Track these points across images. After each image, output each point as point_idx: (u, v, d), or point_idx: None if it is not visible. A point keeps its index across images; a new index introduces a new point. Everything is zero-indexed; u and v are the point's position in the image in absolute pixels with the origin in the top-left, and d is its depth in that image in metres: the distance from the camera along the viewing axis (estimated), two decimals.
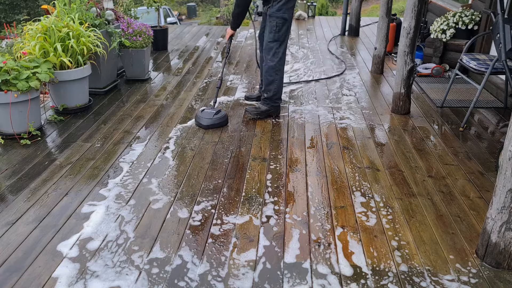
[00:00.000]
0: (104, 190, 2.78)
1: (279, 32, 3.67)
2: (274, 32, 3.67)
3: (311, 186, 2.84)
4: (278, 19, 3.63)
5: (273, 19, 3.64)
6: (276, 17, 3.63)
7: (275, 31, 3.66)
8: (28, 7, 16.06)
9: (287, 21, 3.65)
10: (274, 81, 3.79)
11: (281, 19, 3.63)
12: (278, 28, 3.66)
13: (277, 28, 3.65)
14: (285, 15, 3.62)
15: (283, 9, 3.61)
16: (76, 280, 2.04)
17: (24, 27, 3.96)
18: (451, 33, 5.24)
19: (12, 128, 3.40)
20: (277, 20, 3.63)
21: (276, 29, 3.66)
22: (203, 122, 3.71)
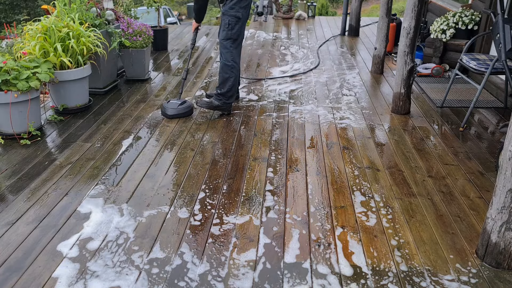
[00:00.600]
0: (104, 190, 2.78)
1: (232, 30, 3.74)
2: (227, 30, 3.76)
3: (311, 186, 2.84)
4: (230, 17, 3.71)
5: (226, 17, 3.73)
6: (229, 15, 3.71)
7: (228, 29, 3.74)
8: (28, 7, 16.07)
9: (240, 19, 3.73)
10: (229, 78, 3.83)
11: (233, 18, 3.71)
12: (231, 26, 3.73)
13: (229, 26, 3.73)
14: (238, 14, 3.70)
15: (235, 7, 3.69)
16: (76, 280, 2.04)
17: (24, 27, 3.96)
18: (451, 33, 5.24)
19: (12, 128, 3.40)
20: (230, 18, 3.71)
21: (229, 27, 3.73)
22: (168, 112, 3.86)
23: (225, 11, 3.72)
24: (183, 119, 3.89)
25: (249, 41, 7.07)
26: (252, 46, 6.75)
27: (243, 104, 4.29)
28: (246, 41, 7.05)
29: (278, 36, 7.47)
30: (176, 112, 3.86)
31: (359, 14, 7.38)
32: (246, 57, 6.06)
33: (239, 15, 3.71)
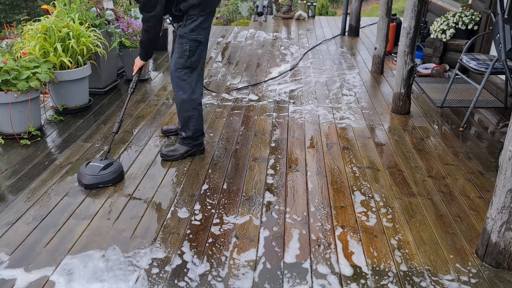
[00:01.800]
0: (104, 191, 2.78)
1: (192, 57, 3.01)
2: (185, 58, 3.00)
3: (311, 186, 2.84)
4: (191, 42, 2.97)
5: (186, 42, 2.97)
6: (189, 39, 2.97)
7: (187, 56, 3.00)
8: (28, 7, 16.07)
9: (201, 43, 3.01)
10: (191, 117, 3.13)
11: (194, 42, 2.97)
12: (192, 53, 3.00)
13: (190, 52, 2.99)
14: (199, 37, 2.98)
15: (197, 30, 2.96)
16: (76, 280, 2.04)
17: (24, 27, 3.96)
18: (451, 33, 5.24)
19: (12, 128, 3.40)
20: (190, 43, 2.97)
21: (188, 53, 2.99)
22: (83, 180, 2.81)
23: (184, 34, 2.96)
24: None
25: (249, 41, 7.07)
26: (252, 46, 6.75)
27: (243, 104, 4.29)
28: (246, 41, 7.06)
29: (278, 36, 7.47)
30: (95, 181, 2.80)
31: (359, 14, 7.38)
32: (246, 57, 6.06)
33: (200, 39, 2.98)
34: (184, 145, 3.21)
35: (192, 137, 3.18)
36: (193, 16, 2.91)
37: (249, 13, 15.20)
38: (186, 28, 2.95)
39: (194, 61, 3.03)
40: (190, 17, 2.92)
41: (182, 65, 3.02)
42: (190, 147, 3.21)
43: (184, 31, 2.95)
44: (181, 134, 3.20)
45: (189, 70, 3.05)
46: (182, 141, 3.21)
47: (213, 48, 6.60)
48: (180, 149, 3.20)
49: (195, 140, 3.20)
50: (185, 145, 3.20)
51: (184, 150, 3.20)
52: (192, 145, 3.21)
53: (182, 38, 2.97)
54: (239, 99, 4.41)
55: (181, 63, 3.02)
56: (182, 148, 3.20)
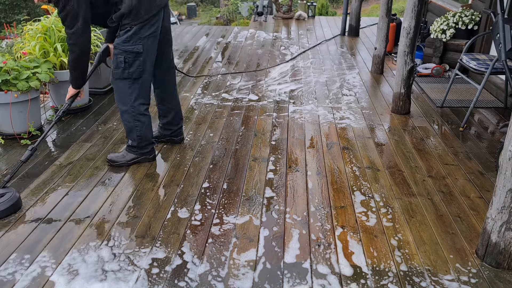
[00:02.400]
0: (104, 190, 2.78)
1: (129, 68, 2.80)
2: (121, 69, 2.81)
3: (311, 186, 2.84)
4: (126, 54, 2.76)
5: (119, 53, 2.78)
6: (124, 51, 2.76)
7: (123, 67, 2.80)
8: (28, 7, 16.07)
9: (140, 54, 2.78)
10: (134, 127, 2.97)
11: (130, 53, 2.76)
12: (128, 64, 2.79)
13: (126, 64, 2.79)
14: (136, 47, 2.75)
15: (133, 39, 2.74)
16: (76, 280, 2.04)
17: (24, 27, 3.97)
18: (451, 33, 5.24)
19: (12, 128, 3.40)
20: (125, 55, 2.77)
21: (124, 65, 2.79)
22: None
23: (117, 44, 2.78)
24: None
25: (249, 41, 7.07)
26: (252, 46, 6.75)
27: (243, 104, 4.29)
28: (246, 41, 7.06)
29: (278, 36, 7.47)
30: None
31: (359, 14, 7.38)
32: (246, 57, 6.06)
33: (138, 49, 2.76)
34: (130, 153, 3.08)
35: (138, 146, 3.05)
36: (126, 26, 2.74)
37: (249, 13, 15.20)
38: (120, 38, 2.78)
39: (133, 72, 2.83)
40: (124, 27, 2.75)
41: (119, 75, 2.85)
42: (138, 155, 3.09)
43: (117, 42, 2.79)
44: (127, 141, 3.09)
45: (128, 81, 2.86)
46: (129, 148, 3.09)
47: (213, 48, 6.60)
48: (127, 156, 3.08)
49: (142, 149, 3.07)
50: (132, 153, 3.08)
51: (130, 157, 3.08)
52: (139, 153, 3.08)
53: (115, 49, 2.81)
54: (239, 99, 4.41)
55: (117, 74, 2.86)
56: (129, 156, 3.08)
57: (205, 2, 26.23)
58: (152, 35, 2.82)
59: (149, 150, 3.12)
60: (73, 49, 2.71)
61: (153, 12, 2.77)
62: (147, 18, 2.75)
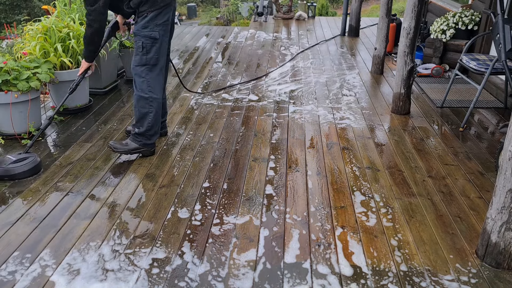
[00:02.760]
0: (104, 191, 2.78)
1: (147, 54, 2.97)
2: (140, 55, 2.98)
3: (311, 186, 2.84)
4: (145, 39, 2.94)
5: (139, 39, 2.96)
6: (142, 36, 2.94)
7: (142, 53, 2.97)
8: (28, 8, 16.07)
9: (157, 40, 2.96)
10: (147, 114, 3.08)
11: (148, 39, 2.94)
12: (146, 50, 2.96)
13: (144, 50, 2.96)
14: (153, 33, 2.93)
15: (150, 25, 2.92)
16: (77, 280, 2.04)
17: (25, 27, 3.97)
18: (451, 33, 5.24)
19: (13, 128, 3.41)
20: (144, 40, 2.94)
21: (143, 50, 2.96)
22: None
23: (137, 30, 2.97)
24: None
25: (249, 41, 7.08)
26: (252, 46, 6.75)
27: (243, 104, 4.29)
28: (246, 41, 7.06)
29: (278, 36, 7.47)
30: (4, 173, 2.84)
31: (359, 14, 7.38)
32: (246, 58, 6.06)
33: (155, 35, 2.94)
34: (135, 142, 3.12)
35: (144, 134, 3.11)
36: (143, 13, 2.91)
37: (249, 14, 15.20)
38: (138, 25, 2.95)
39: (151, 58, 2.99)
40: (141, 14, 2.92)
41: (138, 62, 3.01)
42: (141, 145, 3.13)
43: (137, 28, 2.96)
44: (133, 130, 3.12)
45: (147, 68, 3.01)
46: (134, 137, 3.12)
47: (213, 49, 6.60)
48: (130, 145, 3.11)
49: (147, 139, 3.13)
50: (136, 142, 3.12)
51: (133, 146, 3.11)
52: (143, 143, 3.13)
53: (135, 35, 2.99)
54: (239, 99, 4.41)
55: (136, 60, 3.01)
56: (132, 145, 3.11)
57: (205, 2, 26.24)
58: (166, 23, 3.00)
59: (152, 143, 3.19)
60: (92, 24, 2.92)
61: (168, 1, 2.95)
62: (162, 6, 2.93)
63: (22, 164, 2.86)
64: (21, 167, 2.85)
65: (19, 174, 2.84)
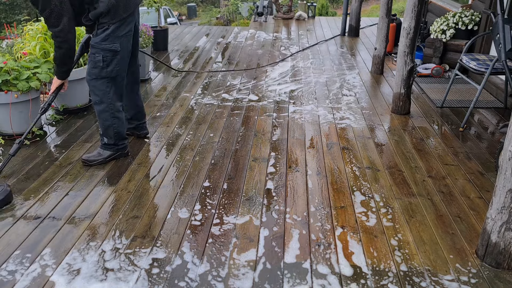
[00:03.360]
0: (104, 191, 2.78)
1: (107, 67, 2.88)
2: (100, 68, 2.88)
3: (311, 186, 2.84)
4: (104, 52, 2.84)
5: (97, 52, 2.84)
6: (102, 49, 2.83)
7: (102, 66, 2.87)
8: (29, 7, 16.07)
9: (118, 52, 2.87)
10: (111, 125, 3.05)
11: (108, 52, 2.84)
12: (106, 63, 2.87)
13: (104, 63, 2.86)
14: (114, 46, 2.84)
15: (110, 38, 2.81)
16: (77, 280, 2.04)
17: (25, 27, 3.97)
18: (451, 33, 5.24)
19: (12, 128, 3.41)
20: (103, 53, 2.84)
21: (103, 64, 2.87)
22: None
23: (95, 43, 2.84)
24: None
25: (249, 41, 7.08)
26: (252, 46, 6.75)
27: (243, 104, 4.29)
28: (246, 41, 7.06)
29: (278, 36, 7.47)
30: None
31: (359, 14, 7.39)
32: (246, 58, 6.06)
33: (116, 48, 2.84)
34: (107, 150, 3.13)
35: (114, 143, 3.12)
36: (104, 25, 2.79)
37: (249, 14, 15.20)
38: (97, 37, 2.83)
39: (111, 71, 2.91)
40: (101, 26, 2.80)
41: (97, 75, 2.91)
42: (114, 151, 3.15)
43: (95, 41, 2.85)
44: (103, 140, 3.12)
45: (106, 80, 2.93)
46: (105, 146, 3.13)
47: (213, 49, 6.60)
48: (103, 154, 3.12)
49: (117, 145, 3.14)
50: (108, 150, 3.13)
51: (107, 154, 3.13)
52: (115, 149, 3.15)
53: (93, 48, 2.87)
54: (239, 99, 4.41)
55: (95, 73, 2.91)
56: (105, 153, 3.13)
57: (205, 2, 26.25)
58: (128, 34, 2.91)
59: (124, 146, 3.19)
60: (62, 46, 2.76)
61: (130, 11, 2.85)
62: (124, 17, 2.83)
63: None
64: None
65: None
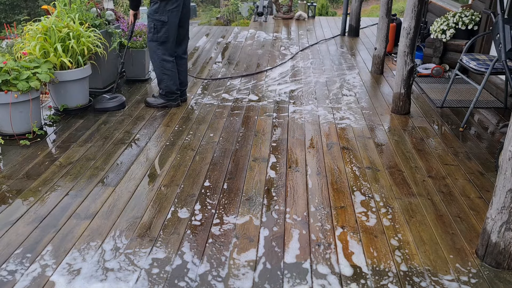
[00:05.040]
0: (104, 191, 2.78)
1: (157, 33, 3.81)
2: (152, 33, 3.84)
3: (311, 186, 2.84)
4: (155, 21, 3.78)
5: (151, 20, 3.81)
6: (153, 19, 3.78)
7: (153, 32, 3.83)
8: (28, 7, 16.07)
9: (166, 23, 3.77)
10: (162, 80, 4.01)
11: (158, 22, 3.77)
12: (156, 30, 3.80)
13: (155, 30, 3.80)
14: (162, 17, 3.75)
15: (160, 11, 3.72)
16: (77, 280, 2.04)
17: (25, 27, 3.96)
18: (451, 33, 5.24)
19: (12, 128, 3.41)
20: (155, 22, 3.78)
21: (154, 31, 3.81)
22: (95, 105, 3.97)
23: (149, 14, 3.80)
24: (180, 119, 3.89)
25: (249, 41, 7.08)
26: (252, 46, 6.75)
27: (244, 104, 4.29)
28: (246, 41, 7.06)
29: (278, 36, 7.47)
30: (102, 106, 3.96)
31: (359, 14, 7.39)
32: (246, 57, 6.06)
33: (164, 19, 3.75)
34: (161, 98, 4.10)
35: (165, 94, 4.06)
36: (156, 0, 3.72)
37: (249, 14, 15.19)
38: (151, 9, 3.78)
39: (161, 37, 3.84)
40: (153, 1, 3.75)
41: (151, 38, 3.88)
42: (165, 101, 4.09)
43: (149, 12, 3.81)
44: (159, 91, 4.08)
45: (157, 43, 3.88)
46: (160, 95, 4.11)
47: (213, 49, 6.60)
48: (158, 101, 4.10)
49: (169, 97, 4.08)
50: (162, 98, 4.09)
51: (160, 102, 4.09)
52: (166, 99, 4.08)
53: (148, 17, 3.84)
54: (239, 99, 4.41)
55: (150, 37, 3.89)
56: (159, 100, 4.10)
57: (205, 2, 26.22)
58: (175, 9, 3.78)
59: (174, 98, 4.11)
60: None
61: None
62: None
63: (114, 101, 3.98)
64: (114, 102, 3.98)
65: (113, 107, 3.96)
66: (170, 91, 4.03)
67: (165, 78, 3.98)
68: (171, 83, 4.00)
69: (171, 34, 3.86)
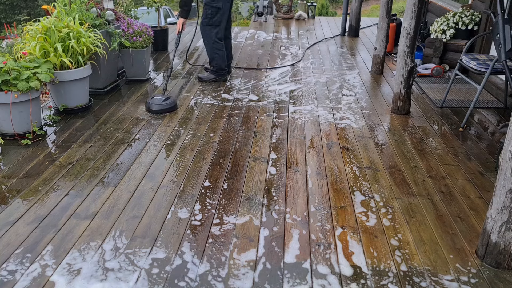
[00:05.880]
0: (104, 191, 2.78)
1: (212, 18, 4.54)
2: (208, 18, 4.56)
3: (311, 186, 2.84)
4: (212, 8, 4.50)
5: (208, 8, 4.52)
6: (211, 6, 4.50)
7: (209, 18, 4.55)
8: (28, 7, 16.08)
9: (220, 9, 4.52)
10: (213, 58, 4.77)
11: (214, 8, 4.51)
12: (212, 16, 4.52)
13: (211, 15, 4.53)
14: (218, 4, 4.49)
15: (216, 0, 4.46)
16: (77, 280, 2.04)
17: (24, 27, 3.97)
18: (451, 33, 5.24)
19: (13, 128, 3.41)
20: (211, 10, 4.50)
21: (210, 16, 4.54)
22: (152, 108, 4.04)
23: (207, 2, 4.48)
24: (179, 119, 3.89)
25: (249, 41, 7.07)
26: (252, 46, 6.75)
27: (243, 104, 4.29)
28: (246, 41, 7.05)
29: (278, 36, 7.47)
30: (160, 107, 4.04)
31: (359, 14, 7.39)
32: (246, 57, 6.06)
33: (219, 5, 4.49)
34: (212, 74, 4.87)
35: (216, 71, 4.83)
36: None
37: (249, 13, 15.18)
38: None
39: (215, 21, 4.59)
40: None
41: (206, 23, 4.61)
42: (215, 76, 4.86)
43: (207, 1, 4.52)
44: (210, 67, 4.87)
45: (212, 27, 4.63)
46: (211, 72, 4.89)
47: None
48: (210, 76, 4.86)
49: (218, 73, 4.85)
50: (213, 74, 4.86)
51: (212, 77, 4.85)
52: (217, 74, 4.85)
53: (205, 5, 4.55)
54: (239, 99, 4.41)
55: (205, 22, 4.61)
56: (210, 76, 4.86)
57: None
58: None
59: (223, 74, 4.89)
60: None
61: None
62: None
63: (169, 102, 4.09)
64: (169, 104, 4.08)
65: (169, 109, 4.07)
66: (220, 67, 4.75)
67: (216, 57, 4.69)
68: (221, 61, 4.73)
69: (224, 19, 4.56)
